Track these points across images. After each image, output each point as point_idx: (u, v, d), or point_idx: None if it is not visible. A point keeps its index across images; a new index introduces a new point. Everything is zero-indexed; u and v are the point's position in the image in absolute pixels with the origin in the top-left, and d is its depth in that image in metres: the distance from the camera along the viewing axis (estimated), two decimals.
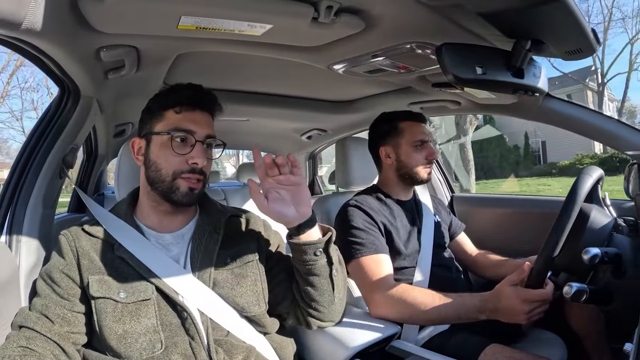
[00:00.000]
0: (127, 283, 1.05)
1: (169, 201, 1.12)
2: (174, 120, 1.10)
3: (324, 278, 1.13)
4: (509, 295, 1.21)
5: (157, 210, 1.16)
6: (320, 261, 1.10)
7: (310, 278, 1.12)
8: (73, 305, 1.03)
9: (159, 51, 1.19)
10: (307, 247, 1.08)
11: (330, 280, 1.14)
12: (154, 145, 1.12)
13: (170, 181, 1.09)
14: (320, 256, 1.10)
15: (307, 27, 1.00)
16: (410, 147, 1.70)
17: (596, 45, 0.99)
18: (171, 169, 1.09)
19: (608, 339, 1.47)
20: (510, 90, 1.10)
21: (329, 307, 1.17)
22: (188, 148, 1.10)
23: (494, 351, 1.30)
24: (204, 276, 1.11)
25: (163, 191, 1.11)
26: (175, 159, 1.09)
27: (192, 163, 1.10)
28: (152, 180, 1.11)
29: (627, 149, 1.36)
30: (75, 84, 1.22)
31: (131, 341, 1.00)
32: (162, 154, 1.10)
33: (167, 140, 1.09)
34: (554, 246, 1.09)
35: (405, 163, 1.71)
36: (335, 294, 1.16)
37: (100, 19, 0.93)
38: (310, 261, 1.09)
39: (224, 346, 1.07)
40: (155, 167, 1.10)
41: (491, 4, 0.90)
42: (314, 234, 1.10)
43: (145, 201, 1.16)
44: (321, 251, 1.10)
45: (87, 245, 1.08)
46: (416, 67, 1.35)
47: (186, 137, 1.10)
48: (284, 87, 1.85)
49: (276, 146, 3.15)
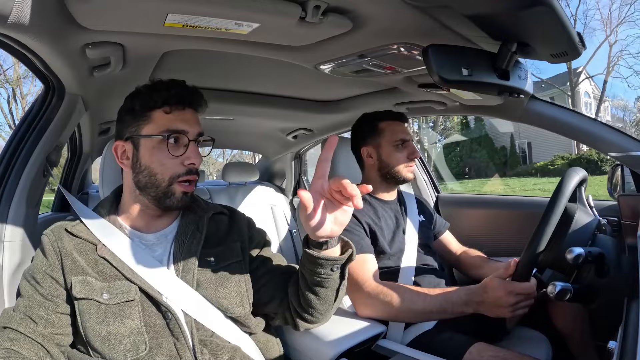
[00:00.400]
0: (110, 284, 1.04)
1: (160, 206, 1.10)
2: (165, 121, 1.07)
3: (330, 290, 1.10)
4: (495, 287, 1.23)
5: (145, 213, 1.14)
6: (334, 276, 1.06)
7: (317, 289, 1.08)
8: (57, 306, 1.02)
9: (145, 49, 1.17)
10: (325, 262, 1.02)
11: (336, 292, 1.12)
12: (144, 149, 1.08)
13: (167, 186, 1.08)
14: (336, 272, 1.06)
15: (294, 27, 1.00)
16: (391, 147, 1.72)
17: (581, 48, 1.00)
18: (168, 174, 1.07)
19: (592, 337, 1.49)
20: (495, 92, 1.11)
21: (324, 313, 1.16)
22: (182, 149, 1.08)
23: (479, 349, 1.31)
24: (187, 277, 1.09)
25: (157, 196, 1.09)
26: (171, 161, 1.07)
27: (189, 164, 1.08)
28: (144, 185, 1.09)
29: (610, 151, 1.38)
30: (60, 81, 1.21)
31: (115, 342, 0.99)
32: (155, 158, 1.07)
33: (160, 143, 1.07)
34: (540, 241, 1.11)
35: (386, 162, 1.72)
36: (335, 303, 1.15)
37: (86, 16, 0.92)
38: (324, 274, 1.04)
39: (209, 347, 1.06)
40: (149, 172, 1.08)
41: (478, 7, 0.90)
42: (335, 250, 1.03)
43: (131, 203, 1.14)
44: (338, 267, 1.05)
45: (70, 245, 1.07)
46: (402, 67, 1.35)
47: (179, 138, 1.08)
48: (270, 87, 1.84)
49: (262, 145, 3.15)
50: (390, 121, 1.76)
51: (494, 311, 1.24)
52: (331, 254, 1.02)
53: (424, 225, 1.83)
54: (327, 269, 1.03)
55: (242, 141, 3.08)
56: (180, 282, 1.08)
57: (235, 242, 1.20)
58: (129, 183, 1.13)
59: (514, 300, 1.20)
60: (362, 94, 1.96)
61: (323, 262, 1.02)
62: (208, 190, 2.60)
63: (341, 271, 1.08)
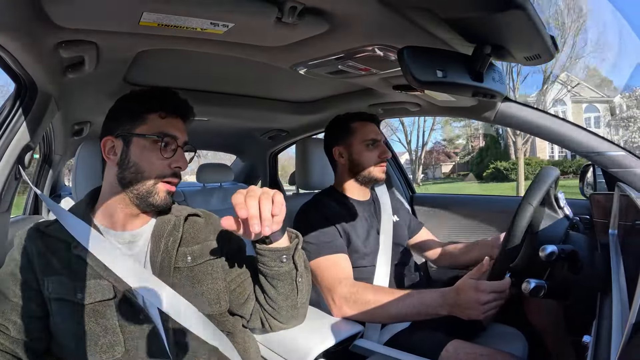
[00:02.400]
0: (85, 283, 1.02)
1: (142, 204, 1.11)
2: (160, 124, 1.11)
3: (288, 283, 1.13)
4: (467, 288, 1.24)
5: (122, 212, 1.13)
6: (286, 267, 1.11)
7: (274, 282, 1.12)
8: (30, 310, 1.00)
9: (120, 48, 1.16)
10: (273, 254, 1.08)
11: (295, 285, 1.15)
12: (135, 147, 1.10)
13: (152, 185, 1.10)
14: (286, 262, 1.10)
15: (270, 27, 1.00)
16: (361, 146, 1.74)
17: (554, 50, 1.02)
18: (154, 173, 1.10)
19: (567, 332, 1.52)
20: (469, 94, 1.12)
21: (291, 311, 1.17)
22: (170, 152, 1.12)
23: (456, 346, 1.33)
24: (164, 275, 1.09)
25: (140, 194, 1.10)
26: (160, 162, 1.10)
27: (176, 167, 1.12)
28: (129, 181, 1.09)
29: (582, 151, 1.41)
30: (33, 80, 1.18)
31: (90, 344, 0.98)
32: (145, 156, 1.10)
33: (152, 143, 1.10)
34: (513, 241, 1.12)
35: (357, 162, 1.74)
36: (298, 298, 1.17)
37: (60, 14, 0.90)
38: (275, 267, 1.10)
39: (186, 347, 1.06)
40: (136, 169, 1.09)
41: (453, 9, 0.91)
42: (280, 241, 1.10)
43: (110, 202, 1.13)
44: (287, 258, 1.10)
45: (42, 245, 1.05)
46: (378, 69, 1.36)
47: (170, 142, 1.11)
48: (246, 87, 1.84)
49: (236, 146, 3.13)
50: (362, 122, 1.77)
51: (467, 313, 1.24)
52: (275, 245, 1.09)
53: (399, 225, 1.85)
54: (276, 261, 1.10)
55: (217, 142, 3.06)
56: (157, 280, 1.07)
57: (212, 242, 1.21)
58: (111, 180, 1.12)
59: (485, 299, 1.21)
60: (337, 94, 1.97)
61: (270, 254, 1.09)
62: (183, 193, 2.57)
63: (294, 263, 1.14)
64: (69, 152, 2.32)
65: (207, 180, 2.73)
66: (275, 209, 0.98)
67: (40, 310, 1.02)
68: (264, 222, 0.96)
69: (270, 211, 0.97)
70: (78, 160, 1.34)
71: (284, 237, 1.11)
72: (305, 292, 1.20)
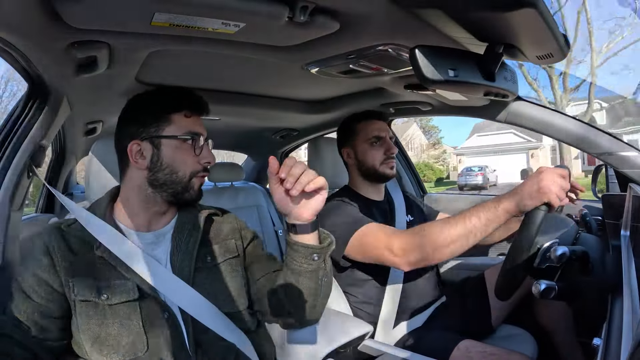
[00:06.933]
0: (109, 284, 1.03)
1: (176, 200, 1.14)
2: (186, 124, 1.13)
3: (313, 282, 1.12)
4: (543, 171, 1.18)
5: (147, 212, 1.14)
6: (315, 265, 1.10)
7: (299, 278, 1.11)
8: (51, 311, 1.01)
9: (132, 48, 1.17)
10: (306, 250, 1.07)
11: (319, 284, 1.14)
12: (166, 149, 1.11)
13: (187, 181, 1.13)
14: (317, 261, 1.09)
15: (282, 27, 1.00)
16: (366, 144, 1.73)
17: (566, 49, 1.01)
18: (188, 171, 1.13)
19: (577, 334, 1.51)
20: (481, 93, 1.12)
21: (308, 310, 1.17)
22: (200, 149, 1.15)
23: (467, 346, 1.33)
24: (185, 274, 1.10)
25: (175, 192, 1.12)
26: (192, 160, 1.13)
27: (205, 162, 1.16)
28: (162, 182, 1.11)
29: (595, 151, 1.40)
30: (45, 81, 1.19)
31: (114, 343, 0.99)
32: (178, 157, 1.12)
33: (182, 143, 1.12)
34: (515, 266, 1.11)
35: (363, 161, 1.73)
36: (318, 299, 1.16)
37: (73, 15, 0.91)
38: (305, 263, 1.09)
39: (206, 344, 1.07)
40: (171, 169, 1.11)
41: (465, 8, 0.91)
42: (309, 237, 1.08)
43: (135, 203, 1.14)
44: (319, 257, 1.09)
45: (65, 246, 1.05)
46: (389, 68, 1.36)
47: (198, 140, 1.14)
48: (257, 87, 1.84)
49: (248, 145, 3.14)
50: (366, 121, 1.77)
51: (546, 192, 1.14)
52: (304, 240, 1.07)
53: (413, 224, 1.83)
54: (307, 258, 1.08)
55: (228, 141, 3.07)
56: (178, 279, 1.08)
57: (230, 240, 1.23)
58: (139, 182, 1.13)
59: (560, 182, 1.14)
60: (348, 94, 1.96)
61: (302, 250, 1.07)
62: None
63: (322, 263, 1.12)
64: (82, 151, 2.34)
65: (218, 180, 2.73)
66: (313, 184, 0.99)
67: (62, 311, 1.02)
68: (296, 185, 0.97)
69: (308, 182, 0.98)
70: (92, 159, 1.35)
71: (313, 235, 1.09)
72: (325, 295, 1.19)
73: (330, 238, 1.13)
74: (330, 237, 1.13)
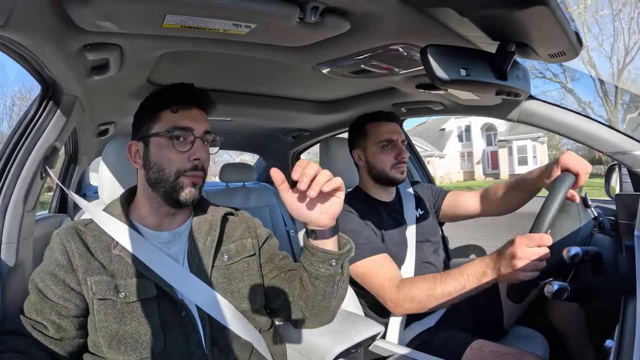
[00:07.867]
0: (127, 282, 1.04)
1: (171, 201, 1.12)
2: (172, 119, 1.11)
3: (329, 286, 1.12)
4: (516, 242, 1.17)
5: (159, 212, 1.15)
6: (332, 270, 1.09)
7: (316, 282, 1.11)
8: (68, 309, 1.02)
9: (144, 50, 1.17)
10: (325, 255, 1.05)
11: (335, 289, 1.13)
12: (153, 147, 1.11)
13: (174, 180, 1.09)
14: (334, 267, 1.08)
15: (292, 27, 1.00)
16: (376, 148, 1.72)
17: (579, 48, 1.00)
18: (174, 168, 1.09)
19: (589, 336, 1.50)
20: (493, 92, 1.11)
21: (323, 312, 1.17)
22: (188, 145, 1.11)
23: (480, 345, 1.32)
24: (202, 273, 1.11)
25: (166, 191, 1.10)
26: (177, 157, 1.09)
27: (194, 159, 1.10)
28: (154, 181, 1.11)
29: (608, 150, 1.39)
30: (58, 83, 1.20)
31: (131, 341, 1.00)
32: (163, 154, 1.10)
33: (167, 139, 1.10)
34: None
35: (373, 164, 1.72)
36: (333, 302, 1.16)
37: (85, 18, 0.92)
38: (322, 268, 1.07)
39: (222, 342, 1.08)
40: (157, 167, 1.10)
41: (477, 7, 0.90)
42: (329, 242, 1.06)
43: (146, 203, 1.15)
44: (337, 263, 1.08)
45: (82, 245, 1.06)
46: (400, 68, 1.36)
47: (185, 135, 1.10)
48: (268, 87, 1.84)
49: (260, 146, 3.14)
50: (377, 122, 1.75)
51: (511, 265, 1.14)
52: (323, 245, 1.05)
53: (423, 218, 1.83)
54: (325, 263, 1.06)
55: (240, 142, 3.07)
56: (195, 278, 1.09)
57: (247, 239, 1.24)
58: (142, 182, 1.15)
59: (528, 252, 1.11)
60: (359, 94, 1.96)
61: (321, 255, 1.05)
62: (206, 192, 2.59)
63: (340, 268, 1.10)
64: (94, 152, 2.36)
65: (230, 180, 2.75)
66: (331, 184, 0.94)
67: (79, 310, 1.03)
68: (313, 185, 0.92)
69: (325, 182, 0.93)
70: (105, 159, 1.36)
71: (333, 240, 1.07)
72: (340, 298, 1.19)
73: (350, 244, 1.10)
74: (350, 243, 1.11)
